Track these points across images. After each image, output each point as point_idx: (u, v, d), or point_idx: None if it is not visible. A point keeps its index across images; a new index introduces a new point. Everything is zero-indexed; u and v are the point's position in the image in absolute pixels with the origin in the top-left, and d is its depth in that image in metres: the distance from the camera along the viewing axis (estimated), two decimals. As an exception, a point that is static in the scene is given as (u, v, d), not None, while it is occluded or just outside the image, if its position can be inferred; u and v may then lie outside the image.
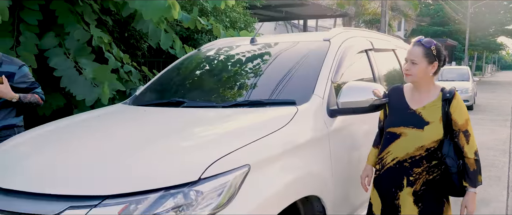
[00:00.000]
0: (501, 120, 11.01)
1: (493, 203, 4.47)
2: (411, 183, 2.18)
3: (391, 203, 2.25)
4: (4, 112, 2.82)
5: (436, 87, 2.22)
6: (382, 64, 3.45)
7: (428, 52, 2.14)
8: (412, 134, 2.15)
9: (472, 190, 2.15)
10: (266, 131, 1.94)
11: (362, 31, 3.61)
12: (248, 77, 2.77)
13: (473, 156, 2.13)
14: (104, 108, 3.04)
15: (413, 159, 2.16)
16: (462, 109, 2.16)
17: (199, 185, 1.56)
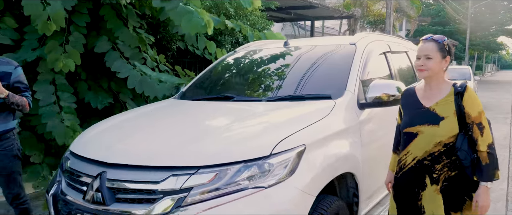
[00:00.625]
0: (501, 117, 11.46)
1: (495, 192, 4.91)
2: (435, 180, 2.17)
3: (412, 204, 2.23)
4: (2, 116, 2.82)
5: (447, 83, 2.22)
6: (397, 64, 3.91)
7: (441, 47, 2.17)
8: (428, 131, 2.15)
9: (484, 184, 2.10)
10: (314, 119, 2.39)
11: (381, 36, 4.06)
12: (286, 75, 3.22)
13: (486, 149, 2.09)
14: (161, 101, 3.49)
15: (433, 155, 2.15)
16: (475, 101, 2.14)
17: (270, 159, 2.01)
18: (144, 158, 2.08)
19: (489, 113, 11.99)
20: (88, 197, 2.12)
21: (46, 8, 3.44)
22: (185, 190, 1.92)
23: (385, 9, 13.49)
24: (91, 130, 2.80)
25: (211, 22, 3.73)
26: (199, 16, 3.64)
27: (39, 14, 3.44)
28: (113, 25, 4.28)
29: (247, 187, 1.94)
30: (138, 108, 3.30)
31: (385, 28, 12.57)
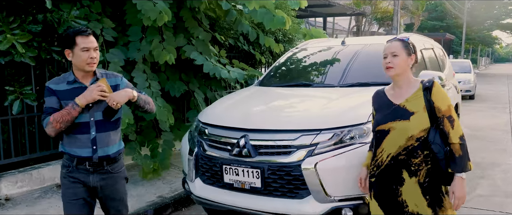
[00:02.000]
0: (501, 107, 12.45)
1: (503, 165, 5.87)
2: (413, 173, 2.22)
3: (394, 202, 2.28)
4: (115, 135, 2.50)
5: (415, 80, 2.31)
6: (428, 58, 4.86)
7: (406, 45, 2.28)
8: (400, 126, 2.21)
9: (459, 175, 2.17)
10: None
11: (418, 35, 4.98)
12: (349, 67, 4.12)
13: (458, 140, 2.16)
14: (249, 88, 4.40)
15: (407, 149, 2.21)
16: (444, 95, 2.22)
17: (366, 125, 2.93)
18: (281, 124, 3.00)
19: (487, 104, 13.04)
20: (235, 152, 3.02)
21: (156, 5, 4.28)
22: (313, 145, 2.84)
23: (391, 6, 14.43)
24: (214, 107, 3.70)
25: (289, 19, 4.64)
26: (278, 15, 4.54)
27: (151, 8, 4.26)
28: (190, 25, 5.14)
29: (354, 142, 2.87)
30: (239, 92, 4.21)
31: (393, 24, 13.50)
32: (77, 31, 2.30)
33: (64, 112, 2.27)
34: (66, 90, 2.34)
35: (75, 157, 2.36)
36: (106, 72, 2.51)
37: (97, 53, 2.36)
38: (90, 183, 2.39)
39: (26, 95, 3.96)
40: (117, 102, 2.27)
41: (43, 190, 4.29)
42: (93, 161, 2.36)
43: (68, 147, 2.39)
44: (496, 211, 4.13)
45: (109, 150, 2.41)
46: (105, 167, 2.41)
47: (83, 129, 2.34)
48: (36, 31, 3.93)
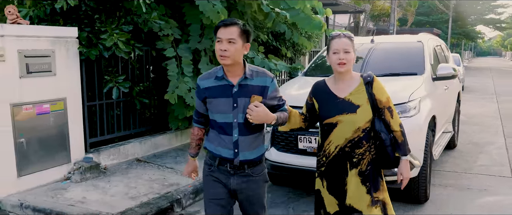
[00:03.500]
0: (488, 98, 13.65)
1: (496, 143, 6.95)
2: (355, 164, 2.36)
3: (342, 191, 2.41)
4: (257, 136, 2.32)
5: (355, 74, 2.43)
6: (439, 53, 5.87)
7: (353, 43, 2.38)
8: (347, 119, 2.32)
9: (404, 158, 2.39)
10: (417, 85, 4.28)
11: (429, 35, 5.97)
12: (380, 60, 5.07)
13: (398, 128, 2.37)
14: (299, 78, 5.31)
15: (352, 142, 2.33)
16: (383, 89, 2.39)
17: (408, 103, 3.90)
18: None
19: (476, 95, 14.22)
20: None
21: (215, 6, 5.14)
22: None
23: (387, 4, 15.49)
24: (285, 90, 4.55)
25: (324, 23, 5.57)
26: (316, 20, 5.47)
27: (210, 9, 5.13)
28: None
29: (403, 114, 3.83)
30: (294, 81, 5.10)
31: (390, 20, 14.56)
32: (221, 23, 2.19)
33: (190, 145, 2.50)
34: (212, 87, 2.23)
35: (217, 157, 2.28)
36: (257, 69, 2.27)
37: (234, 47, 2.11)
38: (231, 185, 2.30)
39: (121, 83, 4.82)
40: (254, 120, 2.14)
41: (127, 162, 5.17)
42: (234, 164, 2.25)
43: (211, 145, 2.32)
44: (496, 175, 5.17)
45: (251, 155, 2.26)
46: (246, 170, 2.28)
47: (227, 130, 2.23)
48: (127, 31, 4.79)
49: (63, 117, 4.36)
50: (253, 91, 2.20)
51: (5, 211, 3.85)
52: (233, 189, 2.31)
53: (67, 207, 3.77)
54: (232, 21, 2.15)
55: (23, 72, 3.96)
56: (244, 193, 2.32)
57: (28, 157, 4.08)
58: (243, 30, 2.16)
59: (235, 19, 2.19)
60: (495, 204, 4.21)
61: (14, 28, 3.85)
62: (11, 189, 3.97)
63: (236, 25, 2.14)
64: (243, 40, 2.17)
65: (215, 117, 2.25)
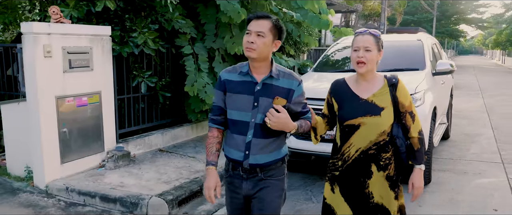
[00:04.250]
0: (474, 94, 14.34)
1: (485, 134, 7.52)
2: (382, 168, 2.23)
3: (360, 194, 2.27)
4: (274, 141, 2.14)
5: (379, 75, 2.28)
6: (436, 50, 6.39)
7: (377, 40, 2.20)
8: (371, 121, 2.18)
9: (418, 167, 2.25)
10: (420, 79, 4.77)
11: (425, 33, 6.48)
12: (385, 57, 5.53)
13: (417, 134, 2.23)
14: (310, 73, 5.75)
15: (378, 144, 2.20)
16: (407, 92, 2.26)
17: (415, 95, 4.37)
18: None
19: (462, 91, 14.90)
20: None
21: (235, 6, 5.53)
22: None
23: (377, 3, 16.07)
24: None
25: (332, 22, 6.04)
26: (324, 19, 5.93)
27: (232, 9, 5.52)
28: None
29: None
30: (308, 76, 5.53)
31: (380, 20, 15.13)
32: (253, 15, 2.07)
33: (207, 151, 2.18)
34: (235, 82, 2.10)
35: (230, 161, 2.16)
36: (284, 70, 2.13)
37: (262, 40, 1.99)
38: (243, 191, 2.14)
39: (147, 78, 5.20)
40: (273, 126, 2.00)
41: (151, 152, 5.55)
42: (244, 167, 2.09)
43: (226, 147, 2.19)
44: (488, 161, 5.71)
45: (263, 159, 2.09)
46: (259, 174, 2.11)
47: (242, 129, 2.08)
48: (155, 30, 5.16)
49: (98, 109, 4.72)
50: (277, 92, 2.06)
51: (51, 195, 4.20)
52: (245, 195, 2.14)
53: (110, 190, 4.15)
54: (265, 14, 2.05)
55: (66, 67, 4.31)
56: (256, 199, 2.13)
57: (70, 146, 4.44)
58: (275, 25, 2.05)
59: (269, 13, 2.07)
60: (489, 184, 4.73)
61: (59, 26, 4.20)
62: (55, 175, 4.32)
63: (268, 19, 2.04)
64: (274, 36, 2.05)
65: (232, 114, 2.11)
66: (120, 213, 3.90)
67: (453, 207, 4.10)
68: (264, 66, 2.08)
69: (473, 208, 4.07)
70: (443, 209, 4.05)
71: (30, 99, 4.16)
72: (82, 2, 4.66)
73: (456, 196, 4.40)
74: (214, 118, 2.19)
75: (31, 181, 4.39)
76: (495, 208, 4.06)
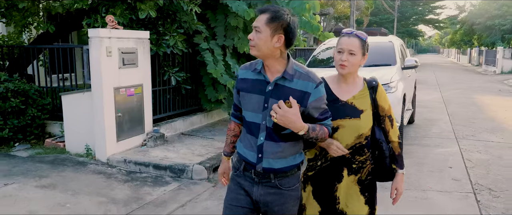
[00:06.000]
0: (433, 88, 16.16)
1: (443, 120, 9.10)
2: (354, 171, 2.19)
3: (329, 196, 2.22)
4: (289, 146, 1.98)
5: (359, 78, 2.24)
6: (402, 50, 7.86)
7: (363, 44, 2.13)
8: (350, 124, 2.13)
9: (401, 171, 2.25)
10: (393, 72, 6.16)
11: (394, 36, 7.93)
12: (364, 56, 6.93)
13: (397, 139, 2.23)
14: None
15: (353, 148, 2.16)
16: (386, 95, 2.23)
17: (390, 83, 5.75)
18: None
19: (423, 86, 16.68)
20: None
21: (243, 7, 6.69)
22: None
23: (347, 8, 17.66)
24: None
25: (321, 27, 7.34)
26: (315, 24, 7.22)
27: (242, 9, 6.68)
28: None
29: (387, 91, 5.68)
30: None
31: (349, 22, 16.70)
32: (257, 10, 1.92)
33: (225, 141, 2.27)
34: (249, 80, 2.00)
35: (243, 161, 2.05)
36: (302, 70, 1.93)
37: (258, 36, 1.86)
38: (253, 195, 2.03)
39: (176, 73, 6.33)
40: (279, 122, 1.84)
41: (176, 135, 6.68)
42: (257, 171, 1.98)
43: (240, 145, 2.11)
44: (445, 138, 7.22)
45: (278, 163, 1.97)
46: (272, 181, 1.99)
47: (254, 131, 1.99)
48: (182, 33, 6.30)
49: (141, 98, 5.82)
50: (290, 95, 1.87)
51: (112, 165, 5.28)
52: (256, 200, 2.02)
53: (159, 160, 5.27)
54: (263, 8, 1.88)
55: (120, 64, 5.39)
56: (268, 208, 2.01)
57: (122, 128, 5.52)
58: (272, 17, 1.83)
59: (270, 6, 1.88)
60: (446, 152, 6.19)
61: (116, 32, 5.28)
62: (113, 150, 5.40)
63: (264, 13, 1.86)
64: (273, 30, 1.83)
65: (246, 114, 2.02)
66: (171, 178, 5.04)
67: (419, 167, 5.50)
68: (277, 64, 1.91)
69: (434, 167, 5.48)
70: (411, 168, 5.44)
71: (95, 90, 5.22)
72: (125, 11, 5.74)
73: (421, 160, 5.81)
74: (234, 113, 2.22)
75: (91, 156, 5.45)
76: (450, 166, 5.50)
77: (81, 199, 4.21)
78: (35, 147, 5.97)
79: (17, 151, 5.75)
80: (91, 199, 4.22)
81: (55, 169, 5.04)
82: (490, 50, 30.11)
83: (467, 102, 11.90)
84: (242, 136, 2.11)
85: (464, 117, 9.32)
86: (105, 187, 4.58)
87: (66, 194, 4.32)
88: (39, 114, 6.07)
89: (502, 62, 25.55)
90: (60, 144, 5.89)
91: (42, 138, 6.29)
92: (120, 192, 4.46)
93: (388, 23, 42.76)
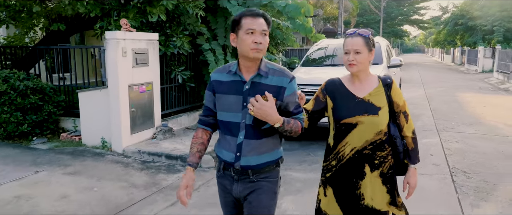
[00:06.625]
0: (417, 86, 16.94)
1: (426, 114, 9.79)
2: (376, 166, 2.23)
3: (351, 195, 2.26)
4: (267, 142, 2.05)
5: (373, 75, 2.30)
6: (388, 51, 8.53)
7: (368, 41, 2.20)
8: (368, 121, 2.17)
9: (413, 166, 2.31)
10: (381, 69, 6.80)
11: (379, 37, 8.58)
12: (353, 55, 7.57)
13: (411, 134, 2.27)
14: (300, 67, 7.62)
15: (374, 144, 2.20)
16: (400, 92, 2.28)
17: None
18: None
19: (408, 84, 17.46)
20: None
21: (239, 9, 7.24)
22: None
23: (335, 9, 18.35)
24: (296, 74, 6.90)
25: (313, 29, 7.95)
26: (308, 26, 7.82)
27: (234, 8, 7.23)
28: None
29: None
30: (298, 69, 7.39)
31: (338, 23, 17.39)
32: (244, 12, 1.97)
33: (190, 150, 2.16)
34: (224, 82, 2.05)
35: (222, 161, 2.10)
36: (275, 67, 2.03)
37: (266, 39, 1.95)
38: (233, 192, 2.11)
39: (181, 72, 6.86)
40: (256, 114, 1.89)
41: (182, 129, 7.21)
42: (236, 169, 2.05)
43: (218, 147, 2.15)
44: (427, 130, 7.89)
45: (254, 160, 2.03)
46: (251, 177, 2.06)
47: (233, 130, 2.03)
48: (187, 35, 6.83)
49: (151, 95, 6.34)
50: (266, 91, 1.95)
51: (127, 156, 5.79)
52: (236, 197, 2.11)
53: (171, 151, 5.81)
54: (260, 12, 1.98)
55: (134, 63, 5.91)
56: (248, 202, 2.08)
57: (135, 122, 6.04)
58: (268, 23, 1.98)
59: (262, 11, 2.00)
60: (428, 142, 6.85)
61: (130, 34, 5.79)
62: (128, 142, 5.91)
63: (262, 17, 1.97)
64: (268, 33, 1.98)
65: (222, 115, 2.06)
66: (181, 166, 5.58)
67: (404, 155, 6.13)
68: (254, 64, 2.00)
69: (417, 155, 6.12)
70: (398, 156, 6.06)
71: (111, 87, 5.73)
72: (137, 15, 6.25)
73: (406, 149, 6.44)
74: (202, 119, 2.17)
75: (107, 148, 5.96)
76: (431, 153, 6.15)
77: (105, 184, 4.73)
78: (52, 140, 6.45)
79: (36, 144, 6.22)
80: (114, 184, 4.74)
81: (76, 159, 5.54)
82: (472, 49, 31.18)
83: (449, 99, 12.65)
84: (219, 139, 2.14)
85: (445, 113, 10.03)
86: (125, 174, 5.10)
87: (91, 179, 4.83)
88: (54, 110, 6.54)
89: (483, 61, 26.57)
90: (75, 138, 6.38)
91: (56, 133, 6.76)
92: (138, 178, 4.98)
93: (374, 23, 43.71)
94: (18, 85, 6.10)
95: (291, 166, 5.53)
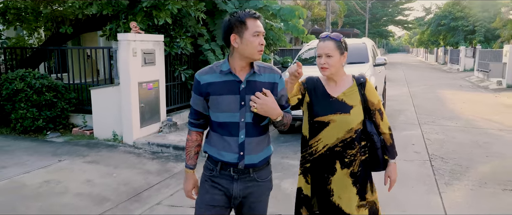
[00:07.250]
0: (402, 84, 17.72)
1: (409, 109, 10.49)
2: (347, 164, 2.30)
3: (323, 189, 2.35)
4: (264, 138, 2.12)
5: (347, 75, 2.39)
6: (373, 50, 9.19)
7: (339, 45, 2.28)
8: (340, 119, 2.25)
9: (393, 161, 2.39)
10: (367, 68, 7.44)
11: (366, 38, 9.24)
12: (342, 55, 8.20)
13: (388, 131, 2.37)
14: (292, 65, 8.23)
15: (345, 142, 2.28)
16: (374, 91, 2.37)
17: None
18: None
19: (392, 83, 18.22)
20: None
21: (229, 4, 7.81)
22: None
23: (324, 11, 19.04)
24: None
25: (305, 30, 8.54)
26: (301, 28, 8.41)
27: (230, 8, 7.80)
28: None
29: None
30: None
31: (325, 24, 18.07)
32: (247, 14, 1.96)
33: (187, 154, 2.21)
34: (216, 83, 2.02)
35: (219, 162, 2.06)
36: (264, 65, 2.09)
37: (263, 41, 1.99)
38: (233, 191, 2.08)
39: (184, 71, 7.41)
40: (259, 111, 1.96)
41: (184, 123, 7.74)
42: (239, 168, 2.04)
43: (212, 149, 2.09)
44: (410, 124, 8.57)
45: (257, 158, 2.06)
46: (251, 175, 2.08)
47: (232, 131, 2.02)
48: (190, 36, 7.39)
49: (157, 92, 6.88)
50: (262, 88, 2.01)
51: (138, 147, 6.32)
52: (235, 196, 2.10)
53: (177, 142, 6.35)
54: (257, 15, 2.01)
55: (142, 63, 6.44)
56: (247, 199, 2.12)
57: (144, 116, 6.57)
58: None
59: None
60: (410, 134, 7.52)
61: (139, 36, 6.32)
62: (138, 135, 6.44)
63: (260, 19, 2.04)
64: None
65: (219, 116, 2.03)
66: (188, 156, 6.13)
67: (389, 145, 6.78)
68: (249, 63, 2.04)
69: (400, 145, 6.76)
70: (384, 145, 6.70)
71: (123, 84, 6.25)
72: (144, 18, 6.78)
73: (391, 140, 7.10)
74: (193, 122, 2.16)
75: (118, 141, 6.48)
76: (413, 143, 6.82)
77: (122, 171, 5.26)
78: (64, 135, 6.94)
79: (51, 138, 6.71)
80: (130, 171, 5.27)
81: (91, 150, 6.06)
82: (455, 49, 32.24)
83: (431, 96, 13.42)
84: (213, 140, 2.08)
85: (427, 108, 10.76)
86: (138, 163, 5.64)
87: (109, 167, 5.36)
88: (67, 106, 7.03)
89: (465, 61, 27.59)
90: (86, 132, 6.88)
91: (67, 128, 7.24)
92: (151, 166, 5.53)
93: (360, 24, 44.65)
94: (34, 83, 6.57)
95: (288, 155, 6.13)
